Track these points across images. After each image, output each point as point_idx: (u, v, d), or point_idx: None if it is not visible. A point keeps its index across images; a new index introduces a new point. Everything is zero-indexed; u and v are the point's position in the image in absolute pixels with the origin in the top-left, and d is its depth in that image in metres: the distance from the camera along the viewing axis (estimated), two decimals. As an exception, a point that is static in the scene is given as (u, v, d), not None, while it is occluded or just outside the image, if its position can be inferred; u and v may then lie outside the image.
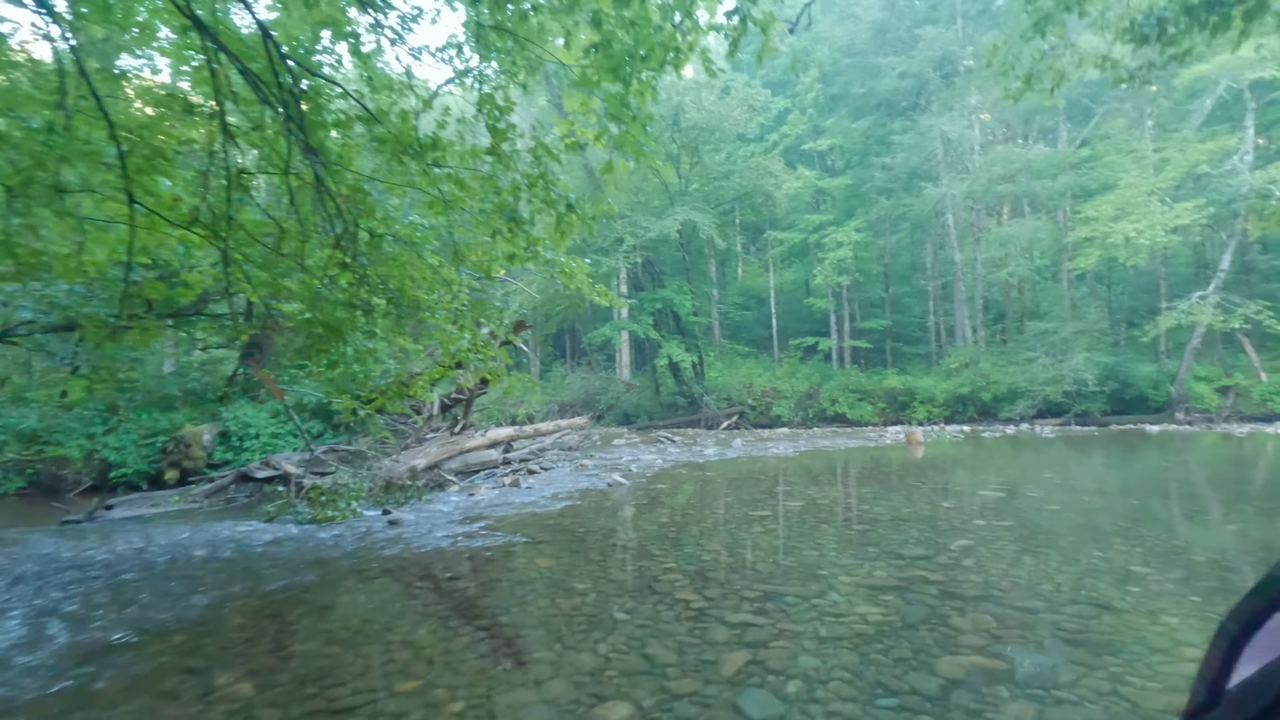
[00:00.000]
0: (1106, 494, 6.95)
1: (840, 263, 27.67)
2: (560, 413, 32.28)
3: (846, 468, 9.52)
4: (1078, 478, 8.15)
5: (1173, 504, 6.64)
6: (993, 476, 8.23)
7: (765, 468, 9.69)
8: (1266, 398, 23.53)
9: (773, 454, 11.96)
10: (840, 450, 12.62)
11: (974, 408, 25.70)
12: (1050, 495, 6.81)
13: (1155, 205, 18.31)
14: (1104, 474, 8.59)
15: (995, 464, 10.03)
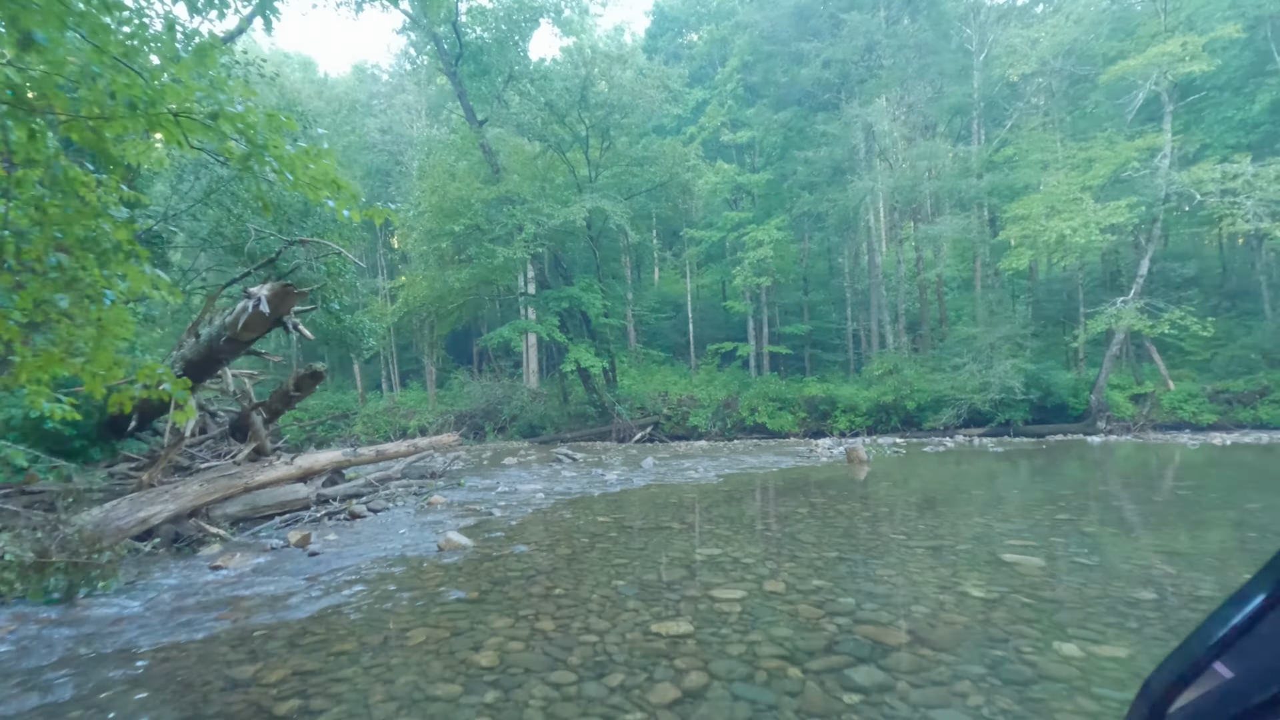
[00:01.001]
0: (1198, 559, 4.85)
1: (760, 263, 25.86)
2: (456, 425, 28.96)
3: (785, 503, 7.15)
4: (1099, 514, 6.11)
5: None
6: (987, 517, 6.07)
7: (681, 505, 7.15)
8: (1176, 406, 23.41)
9: (690, 479, 9.50)
10: (772, 473, 10.31)
11: (897, 417, 24.39)
12: (1126, 560, 4.61)
13: (1088, 202, 17.39)
14: (1135, 515, 6.62)
15: (968, 491, 7.93)
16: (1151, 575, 3.90)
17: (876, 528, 5.52)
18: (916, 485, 8.50)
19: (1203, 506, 6.34)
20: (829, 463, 11.60)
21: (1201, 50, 17.69)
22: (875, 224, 26.71)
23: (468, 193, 21.02)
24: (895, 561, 4.33)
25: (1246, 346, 25.89)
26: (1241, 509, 6.14)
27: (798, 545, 4.87)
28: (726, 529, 5.62)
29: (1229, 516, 5.82)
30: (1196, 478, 8.71)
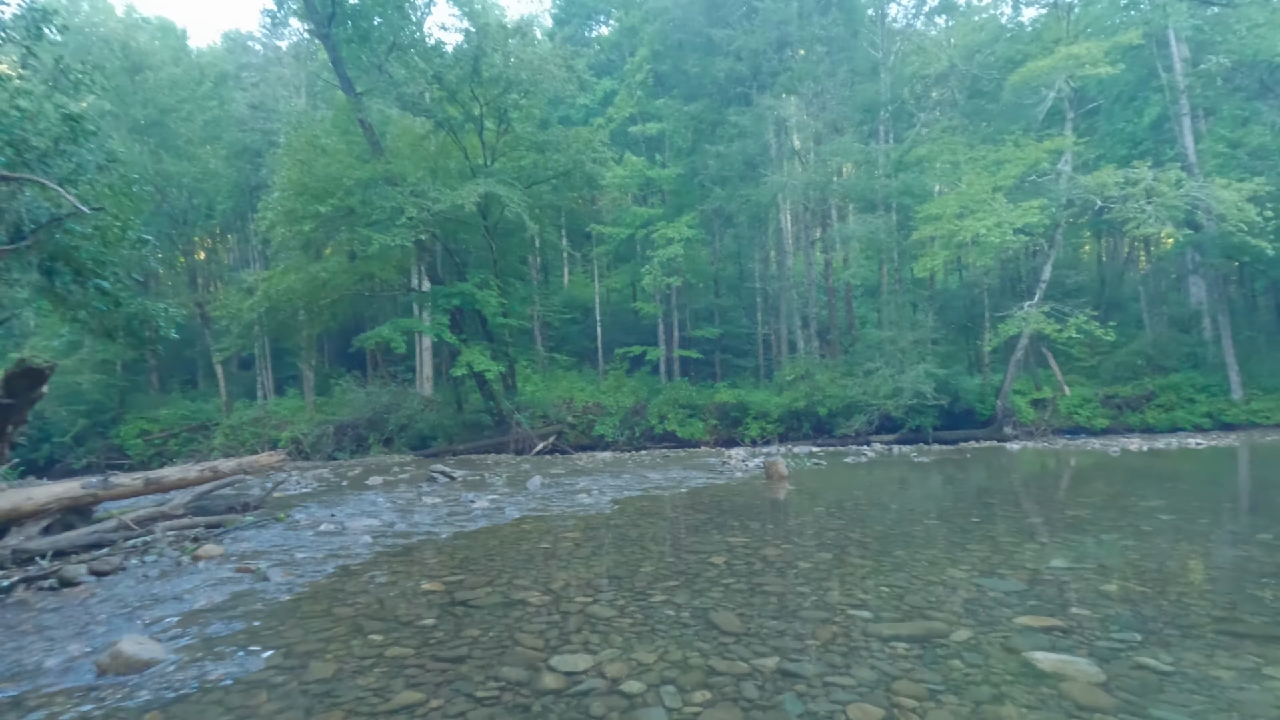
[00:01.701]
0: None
1: (670, 262, 24.42)
2: (336, 436, 25.80)
3: (694, 546, 5.37)
4: (1104, 556, 4.70)
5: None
6: (965, 565, 4.54)
7: (553, 553, 5.22)
8: (1072, 411, 23.81)
9: (578, 506, 7.59)
10: (679, 495, 8.56)
11: (809, 423, 23.52)
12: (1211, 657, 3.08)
13: (1001, 201, 17.00)
14: (1153, 556, 5.28)
15: (918, 518, 6.46)
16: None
17: (824, 594, 3.79)
18: (851, 509, 6.96)
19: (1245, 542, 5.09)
20: (744, 478, 10.04)
21: (1103, 56, 17.75)
22: (786, 225, 25.95)
23: (339, 170, 18.29)
24: (870, 676, 2.58)
25: (1132, 353, 26.93)
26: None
27: (712, 640, 3.05)
28: (608, 603, 3.73)
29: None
30: (1168, 495, 7.66)
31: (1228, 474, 9.67)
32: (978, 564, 4.37)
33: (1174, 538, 4.99)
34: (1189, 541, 4.90)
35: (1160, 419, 22.68)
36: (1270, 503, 6.85)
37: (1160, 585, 3.74)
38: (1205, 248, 21.89)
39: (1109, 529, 5.44)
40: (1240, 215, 15.44)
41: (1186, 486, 8.13)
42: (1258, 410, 21.51)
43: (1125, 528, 5.48)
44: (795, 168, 21.13)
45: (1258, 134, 19.00)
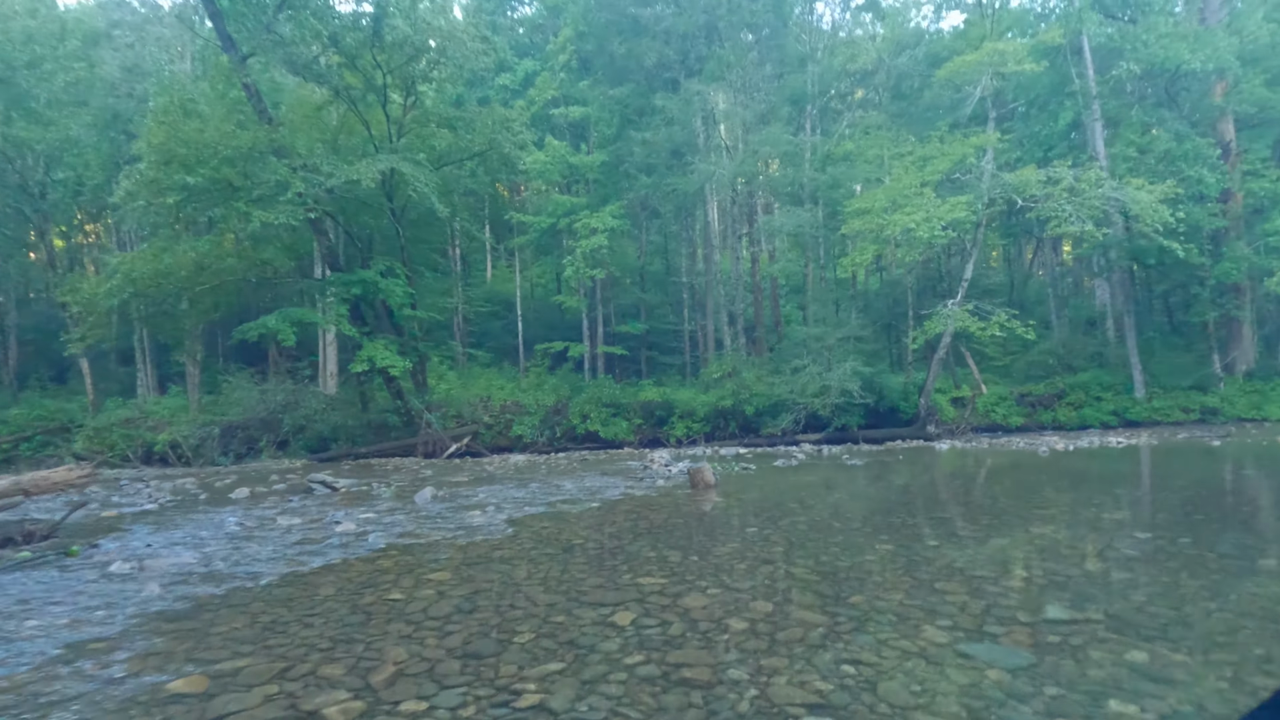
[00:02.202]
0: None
1: (594, 253, 23.18)
2: (223, 438, 23.12)
3: (596, 594, 4.16)
4: (1108, 589, 3.81)
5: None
6: (946, 616, 3.56)
7: (399, 616, 3.84)
8: (989, 409, 24.13)
9: (466, 528, 6.23)
10: (590, 510, 7.33)
11: (735, 422, 22.77)
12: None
13: (929, 196, 16.70)
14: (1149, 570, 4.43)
15: (868, 539, 5.50)
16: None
17: (768, 683, 2.64)
18: (789, 528, 5.92)
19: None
20: (667, 487, 8.92)
21: (1026, 54, 17.76)
22: (714, 219, 25.18)
23: (214, 136, 16.00)
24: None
25: (1043, 352, 27.71)
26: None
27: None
28: (447, 713, 2.45)
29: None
30: (1132, 505, 7.01)
31: (1167, 475, 9.31)
32: (956, 616, 3.35)
33: (1195, 574, 4.14)
34: (1220, 578, 4.08)
35: (1070, 416, 23.21)
36: (1241, 510, 6.32)
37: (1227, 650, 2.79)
38: (1113, 250, 22.54)
39: (1096, 557, 4.60)
40: (1156, 216, 15.65)
41: (1142, 494, 7.57)
42: (1159, 408, 22.30)
43: (1112, 556, 4.64)
44: (723, 158, 20.32)
45: (1164, 140, 19.57)
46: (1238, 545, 4.74)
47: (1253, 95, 20.85)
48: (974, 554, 4.72)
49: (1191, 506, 6.62)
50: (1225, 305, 21.34)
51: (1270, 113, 21.54)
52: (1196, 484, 8.26)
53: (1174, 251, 16.55)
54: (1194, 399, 22.16)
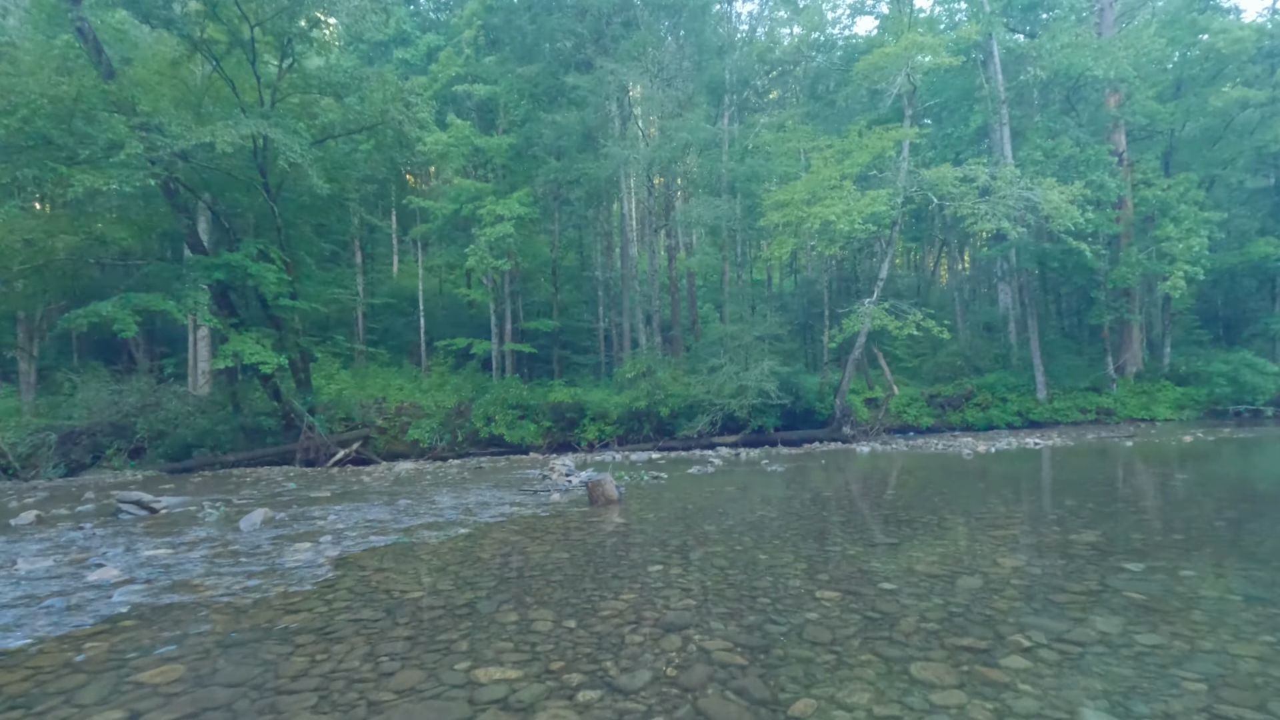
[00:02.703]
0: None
1: (499, 242, 21.44)
2: (61, 446, 19.85)
3: (423, 684, 2.79)
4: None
5: None
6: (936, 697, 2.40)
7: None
8: (901, 410, 24.13)
9: (267, 576, 4.52)
10: (458, 538, 5.78)
11: (650, 425, 21.61)
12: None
13: (850, 188, 16.12)
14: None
15: (810, 577, 4.33)
16: None
17: None
18: (704, 564, 4.63)
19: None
20: (562, 503, 7.50)
21: (943, 49, 17.56)
22: (630, 210, 23.97)
23: (31, 83, 13.20)
24: None
25: (951, 354, 28.18)
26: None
27: None
28: None
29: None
30: (1099, 518, 6.14)
31: (1105, 480, 8.73)
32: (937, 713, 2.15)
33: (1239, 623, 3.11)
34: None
35: (978, 417, 23.46)
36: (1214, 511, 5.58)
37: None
38: (1021, 254, 22.99)
39: (1096, 592, 3.54)
40: (1068, 216, 15.68)
41: (1096, 504, 6.79)
42: (1059, 408, 22.86)
43: (1110, 598, 3.59)
44: (639, 144, 19.13)
45: (1068, 146, 19.97)
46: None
47: (1144, 108, 21.67)
48: (933, 603, 3.57)
49: (1171, 523, 5.85)
50: (1119, 309, 22.08)
51: (1159, 125, 22.52)
52: (1142, 492, 7.65)
53: (1082, 253, 16.70)
54: (1091, 400, 22.85)
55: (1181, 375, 22.81)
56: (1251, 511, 6.03)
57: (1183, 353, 24.06)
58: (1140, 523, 5.67)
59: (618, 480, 8.98)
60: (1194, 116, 22.85)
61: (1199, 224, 19.24)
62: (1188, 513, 6.13)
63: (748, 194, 21.57)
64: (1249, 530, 5.15)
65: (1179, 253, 18.74)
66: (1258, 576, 3.80)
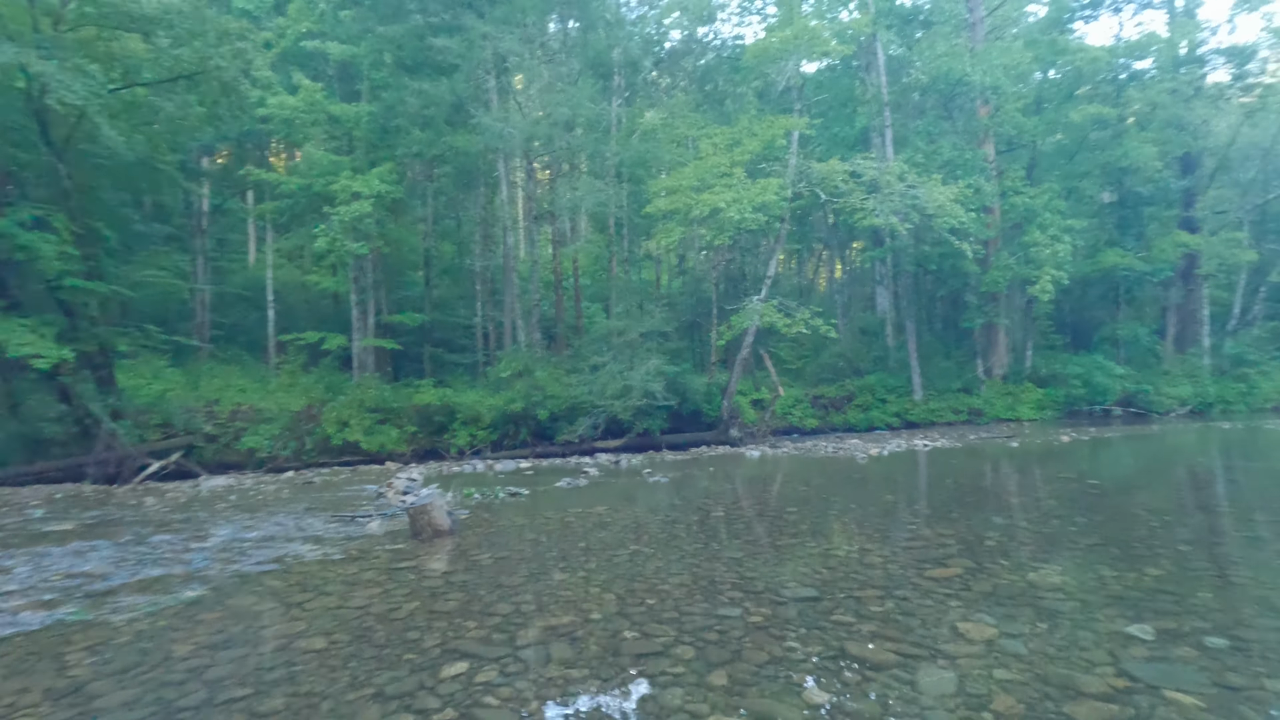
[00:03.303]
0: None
1: (356, 223, 18.86)
2: None
3: None
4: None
5: None
6: None
7: None
8: (786, 411, 23.77)
9: None
10: (183, 601, 3.85)
11: (527, 429, 19.75)
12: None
13: (740, 176, 15.18)
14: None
15: (702, 687, 2.85)
16: None
17: None
18: (539, 655, 3.05)
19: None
20: (378, 535, 5.65)
21: (833, 40, 17.10)
22: (507, 195, 22.03)
23: None
24: None
25: (833, 355, 28.36)
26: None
27: None
28: None
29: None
30: (1067, 547, 5.09)
31: (1018, 483, 8.01)
32: None
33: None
34: None
35: (859, 418, 23.49)
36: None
37: None
38: (899, 256, 23.26)
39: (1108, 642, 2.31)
40: (952, 214, 15.59)
41: (1023, 513, 5.83)
42: (934, 409, 23.29)
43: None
44: (515, 115, 17.27)
45: (947, 149, 20.26)
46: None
47: (1012, 120, 22.51)
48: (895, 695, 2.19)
49: (1118, 534, 4.92)
50: (989, 314, 22.80)
51: (1024, 138, 23.53)
52: (1071, 496, 6.90)
53: (960, 255, 16.75)
54: (963, 400, 23.47)
55: (1042, 377, 23.94)
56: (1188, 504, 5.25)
57: (1042, 356, 25.35)
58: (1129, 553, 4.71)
59: (467, 498, 7.26)
60: (1054, 130, 24.13)
61: (1063, 231, 20.09)
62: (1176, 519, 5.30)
63: (635, 180, 20.30)
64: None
65: (1046, 258, 19.44)
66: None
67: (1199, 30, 23.48)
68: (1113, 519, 5.51)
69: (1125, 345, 25.11)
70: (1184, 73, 23.35)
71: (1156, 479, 8.14)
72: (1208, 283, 25.14)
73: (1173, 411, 22.43)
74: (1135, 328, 25.21)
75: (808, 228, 34.25)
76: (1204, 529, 5.01)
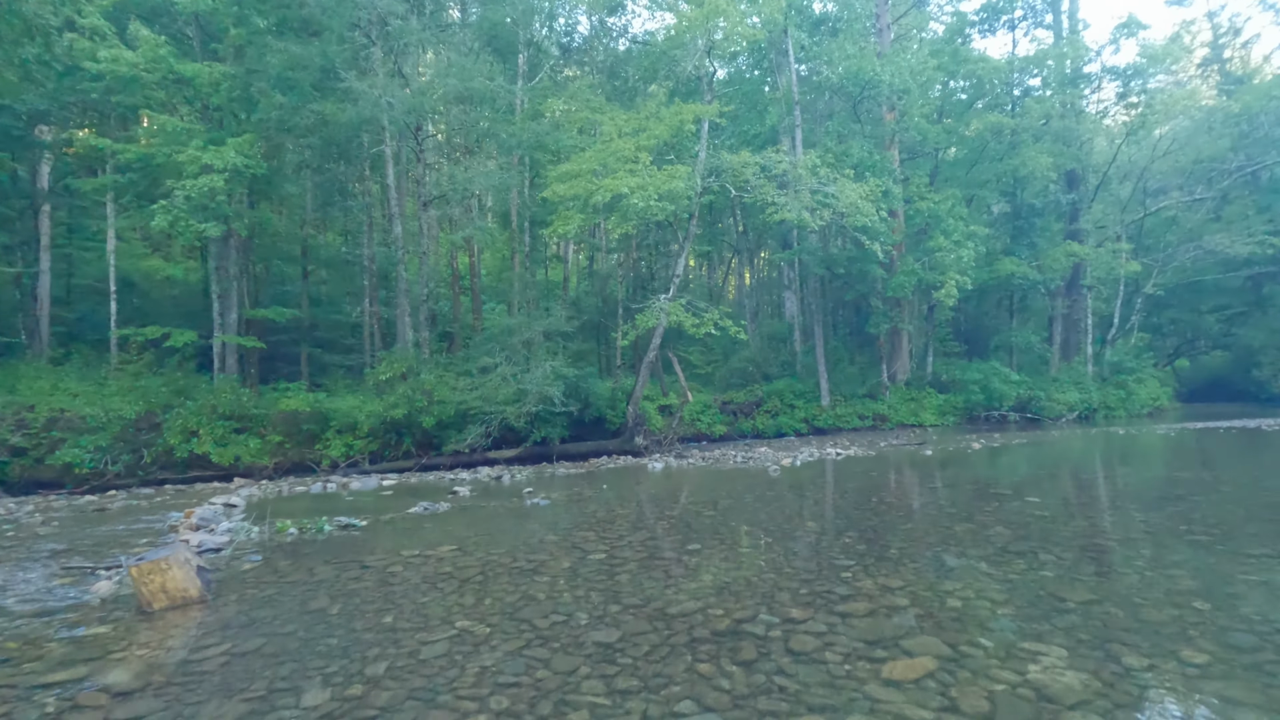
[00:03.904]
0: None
1: (205, 199, 16.27)
2: None
3: None
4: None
5: None
6: None
7: None
8: (695, 417, 22.81)
9: None
10: None
11: (412, 438, 17.73)
12: None
13: (646, 161, 13.94)
14: None
15: None
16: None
17: None
18: None
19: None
20: (92, 605, 3.88)
21: (743, 19, 16.23)
22: (393, 179, 19.81)
23: None
24: None
25: (743, 360, 27.76)
26: None
27: None
28: None
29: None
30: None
31: (957, 499, 7.05)
32: None
33: None
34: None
35: (769, 424, 22.86)
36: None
37: None
38: (807, 259, 22.84)
39: None
40: (864, 211, 15.02)
41: (993, 540, 4.74)
42: (841, 415, 22.97)
43: None
44: (397, 86, 15.21)
45: (857, 150, 19.93)
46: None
47: (917, 126, 22.61)
48: None
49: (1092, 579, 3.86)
50: (894, 319, 22.74)
51: (927, 145, 23.73)
52: (1018, 521, 5.93)
53: (870, 254, 16.27)
54: (869, 406, 23.29)
55: (943, 383, 24.17)
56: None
57: (942, 363, 25.68)
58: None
59: (280, 533, 5.52)
60: (956, 138, 24.52)
61: (966, 237, 20.19)
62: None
63: (538, 167, 18.73)
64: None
65: (950, 263, 19.42)
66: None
67: (1085, 50, 24.51)
68: (1087, 558, 4.51)
69: (1018, 353, 25.83)
70: (1070, 92, 24.32)
71: (1091, 498, 7.42)
72: (1090, 294, 26.31)
73: (1063, 417, 23.10)
74: (1029, 335, 26.00)
75: (718, 233, 33.77)
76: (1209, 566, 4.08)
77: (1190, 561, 4.41)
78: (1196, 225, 27.53)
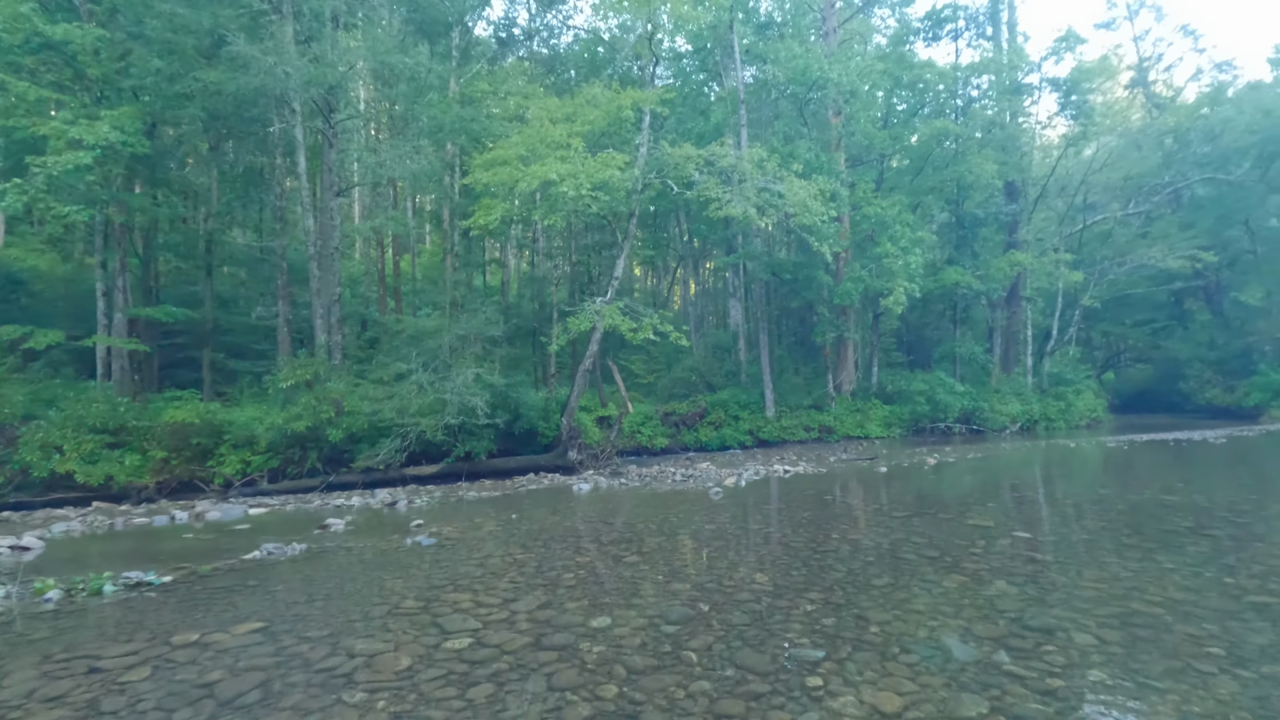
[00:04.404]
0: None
1: (72, 180, 14.15)
2: None
3: None
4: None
5: None
6: None
7: None
8: (635, 429, 21.57)
9: None
10: None
11: (318, 453, 15.83)
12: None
13: (579, 148, 12.64)
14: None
15: None
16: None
17: None
18: None
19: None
20: None
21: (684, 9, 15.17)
22: (303, 165, 17.89)
23: None
24: None
25: (686, 369, 26.69)
26: None
27: None
28: None
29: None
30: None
31: (941, 539, 5.95)
32: None
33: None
34: None
35: (712, 436, 21.82)
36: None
37: None
38: (753, 264, 21.99)
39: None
40: (812, 210, 14.13)
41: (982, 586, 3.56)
42: (786, 426, 22.11)
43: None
44: (294, 55, 13.35)
45: (805, 150, 19.17)
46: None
47: (863, 130, 22.10)
48: None
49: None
50: (840, 328, 22.08)
51: (873, 151, 23.28)
52: (1016, 569, 4.81)
53: (818, 257, 15.42)
54: (814, 417, 22.52)
55: (888, 394, 23.64)
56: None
57: (887, 374, 25.21)
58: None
59: (38, 594, 3.93)
60: (901, 144, 24.17)
61: (913, 243, 19.67)
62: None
63: (468, 159, 17.18)
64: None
65: (898, 269, 18.82)
66: None
67: (1025, 59, 24.58)
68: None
69: (962, 363, 25.59)
70: (1012, 100, 24.34)
71: (1089, 534, 6.46)
72: (1029, 305, 26.37)
73: (1006, 429, 22.84)
74: (973, 346, 25.79)
75: (663, 240, 32.79)
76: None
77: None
78: (1129, 240, 28.08)
